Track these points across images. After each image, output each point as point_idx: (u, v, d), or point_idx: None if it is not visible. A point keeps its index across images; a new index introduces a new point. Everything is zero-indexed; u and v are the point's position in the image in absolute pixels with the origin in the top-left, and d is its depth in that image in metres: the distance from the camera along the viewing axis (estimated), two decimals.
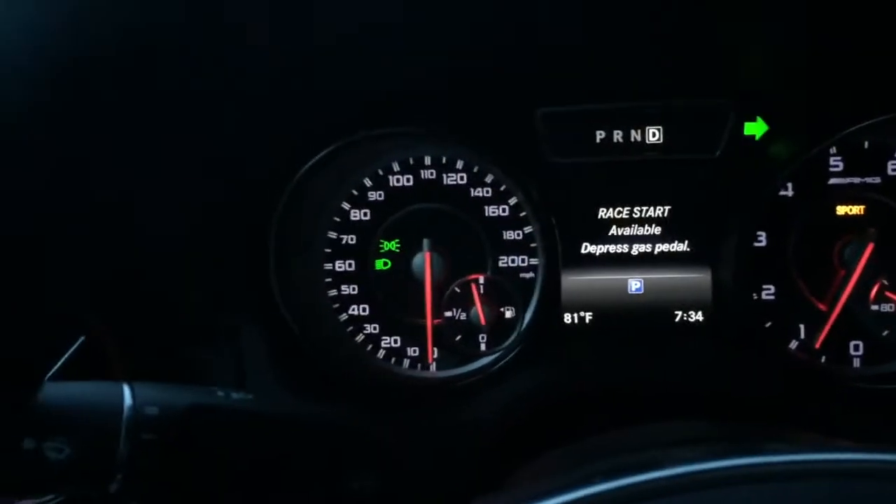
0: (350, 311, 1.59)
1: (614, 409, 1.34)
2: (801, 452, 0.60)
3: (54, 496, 0.94)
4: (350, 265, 1.58)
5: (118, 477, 0.80)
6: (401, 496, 1.05)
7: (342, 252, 1.58)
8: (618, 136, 1.44)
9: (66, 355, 1.24)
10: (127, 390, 0.84)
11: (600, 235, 1.47)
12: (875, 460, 0.59)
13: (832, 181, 1.47)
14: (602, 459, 0.66)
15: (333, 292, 1.58)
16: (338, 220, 1.57)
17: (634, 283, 1.47)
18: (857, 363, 1.49)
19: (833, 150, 1.45)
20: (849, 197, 1.46)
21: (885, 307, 1.45)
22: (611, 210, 1.46)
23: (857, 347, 1.49)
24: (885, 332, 1.45)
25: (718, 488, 0.59)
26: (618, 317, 1.47)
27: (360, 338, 1.58)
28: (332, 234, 1.57)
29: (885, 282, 1.44)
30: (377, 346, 1.58)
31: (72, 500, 1.23)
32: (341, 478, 0.94)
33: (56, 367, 1.21)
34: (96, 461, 0.80)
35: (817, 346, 1.47)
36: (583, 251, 1.47)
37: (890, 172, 1.45)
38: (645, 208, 1.46)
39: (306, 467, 0.92)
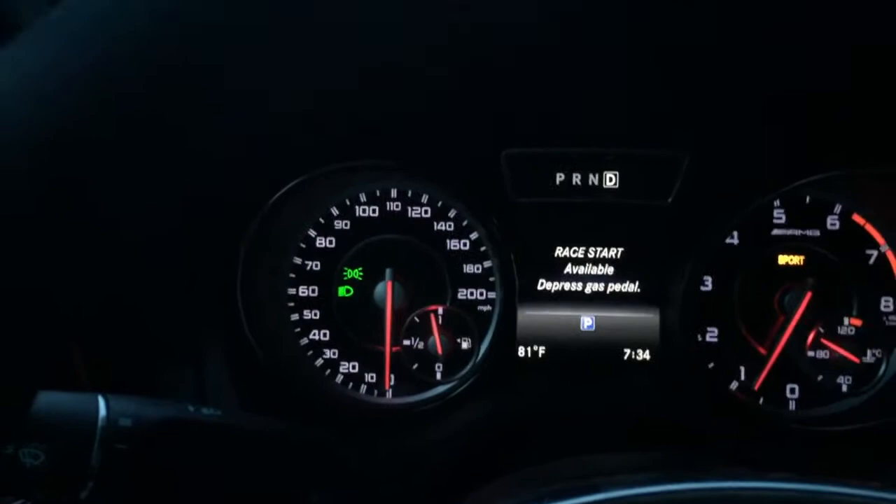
0: (311, 336, 1.62)
1: (562, 438, 1.39)
2: (726, 480, 0.66)
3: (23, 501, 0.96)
4: (313, 290, 1.62)
5: (89, 485, 0.83)
6: None
7: (306, 277, 1.62)
8: (576, 178, 1.51)
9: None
10: (102, 402, 0.87)
11: (556, 273, 1.53)
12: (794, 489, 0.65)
13: (775, 232, 1.55)
14: (548, 484, 0.71)
15: (295, 316, 1.62)
16: (303, 246, 1.61)
17: (587, 321, 1.53)
18: (793, 405, 1.56)
19: (777, 203, 1.54)
20: (790, 247, 1.55)
21: (821, 353, 1.53)
22: (567, 249, 1.53)
23: (793, 391, 1.56)
24: (820, 378, 1.52)
25: None
26: (569, 352, 1.53)
27: (319, 362, 1.62)
28: (298, 260, 1.62)
29: (822, 329, 1.52)
30: (335, 371, 1.62)
31: None
32: (302, 493, 0.97)
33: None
34: (69, 468, 0.83)
35: (756, 387, 1.55)
36: (539, 287, 1.53)
37: (829, 227, 1.54)
38: (599, 249, 1.53)
39: (269, 482, 0.95)
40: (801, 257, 1.54)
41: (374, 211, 1.60)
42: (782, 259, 1.55)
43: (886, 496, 0.65)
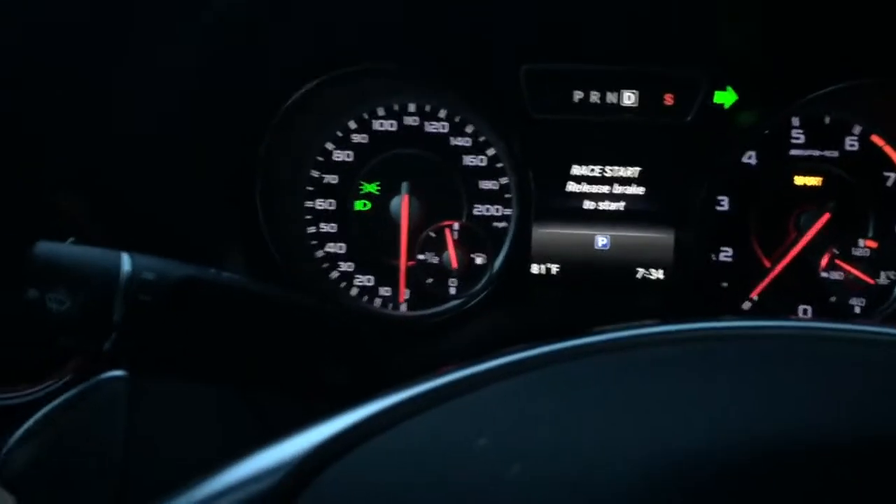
0: (327, 249, 1.64)
1: None
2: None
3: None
4: (330, 204, 1.63)
5: (112, 335, 0.85)
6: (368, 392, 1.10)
7: (323, 191, 1.63)
8: (595, 96, 1.51)
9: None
10: (126, 256, 0.89)
11: (573, 191, 1.54)
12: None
13: (793, 152, 1.54)
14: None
15: (312, 229, 1.64)
16: (321, 159, 1.62)
17: (601, 239, 1.54)
18: None
19: (795, 122, 1.53)
20: (808, 168, 1.54)
21: (835, 274, 1.53)
22: (584, 167, 1.53)
23: (806, 311, 1.57)
24: (833, 298, 1.52)
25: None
26: (583, 270, 1.54)
27: (334, 275, 1.64)
28: (315, 173, 1.63)
29: (836, 250, 1.52)
30: (350, 284, 1.64)
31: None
32: (315, 365, 0.99)
33: None
34: (94, 316, 0.84)
35: (753, 295, 1.55)
36: (555, 205, 1.54)
37: (847, 147, 1.53)
38: (616, 168, 1.53)
39: (285, 350, 0.97)
40: (819, 178, 1.54)
41: (391, 125, 1.61)
42: (799, 180, 1.54)
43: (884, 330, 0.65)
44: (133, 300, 0.84)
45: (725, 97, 1.47)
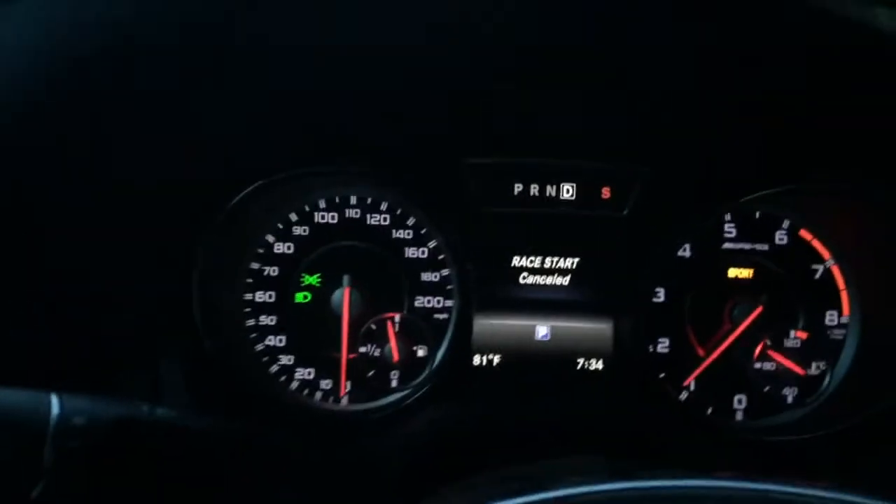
0: (267, 342, 1.62)
1: (515, 447, 1.40)
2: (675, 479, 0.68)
3: None
4: (270, 296, 1.61)
5: (40, 483, 0.82)
6: None
7: (264, 283, 1.61)
8: (534, 189, 1.54)
9: None
10: (55, 399, 0.86)
11: (513, 282, 1.55)
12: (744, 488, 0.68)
13: (726, 245, 1.59)
14: (496, 485, 0.72)
15: (252, 322, 1.61)
16: (261, 251, 1.61)
17: (542, 330, 1.55)
18: (740, 416, 1.60)
19: (728, 217, 1.58)
20: (740, 261, 1.59)
21: (767, 365, 1.57)
22: (524, 259, 1.55)
23: (740, 401, 1.60)
24: (766, 388, 1.56)
25: None
26: (524, 361, 1.55)
27: (274, 368, 1.61)
28: (255, 265, 1.61)
29: (769, 341, 1.56)
30: (291, 378, 1.62)
31: None
32: (259, 492, 0.97)
33: None
34: (20, 466, 0.82)
35: (686, 383, 1.59)
36: (496, 296, 1.55)
37: (777, 241, 1.59)
38: (556, 259, 1.55)
39: (224, 482, 0.95)
40: (751, 270, 1.59)
41: (333, 217, 1.61)
42: (732, 272, 1.59)
43: (833, 496, 0.67)
44: (62, 447, 0.82)
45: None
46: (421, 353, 1.60)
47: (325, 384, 1.62)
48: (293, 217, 1.61)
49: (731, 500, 0.67)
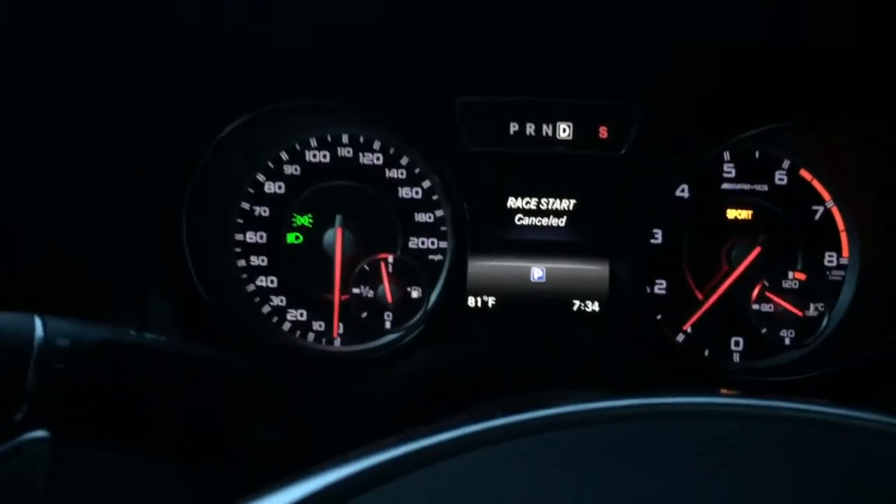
0: (258, 283, 1.60)
1: (510, 387, 1.39)
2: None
3: None
4: (261, 237, 1.59)
5: (24, 406, 0.80)
6: (303, 450, 1.07)
7: (254, 223, 1.59)
8: (530, 129, 1.50)
9: None
10: (38, 321, 0.83)
11: (508, 224, 1.53)
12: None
13: (724, 186, 1.56)
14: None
15: (242, 263, 1.59)
16: (252, 191, 1.58)
17: (537, 272, 1.53)
18: (737, 358, 1.59)
19: (726, 156, 1.55)
20: (739, 202, 1.56)
21: (765, 307, 1.55)
22: (520, 200, 1.52)
23: (737, 343, 1.59)
24: (764, 330, 1.54)
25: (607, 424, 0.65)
26: (519, 303, 1.53)
27: (266, 309, 1.60)
28: (245, 205, 1.58)
29: (766, 283, 1.54)
30: (283, 319, 1.60)
31: None
32: (246, 424, 0.95)
33: None
34: (3, 388, 0.80)
35: (685, 327, 1.57)
36: (490, 238, 1.52)
37: (777, 181, 1.56)
38: (551, 200, 1.52)
39: (212, 409, 0.93)
40: (750, 212, 1.56)
41: (324, 156, 1.57)
42: (731, 213, 1.57)
43: (833, 411, 0.65)
44: (46, 369, 0.79)
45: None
46: (415, 294, 1.58)
47: (318, 326, 1.60)
48: (283, 156, 1.57)
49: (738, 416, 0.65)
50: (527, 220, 1.53)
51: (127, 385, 0.86)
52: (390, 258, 1.57)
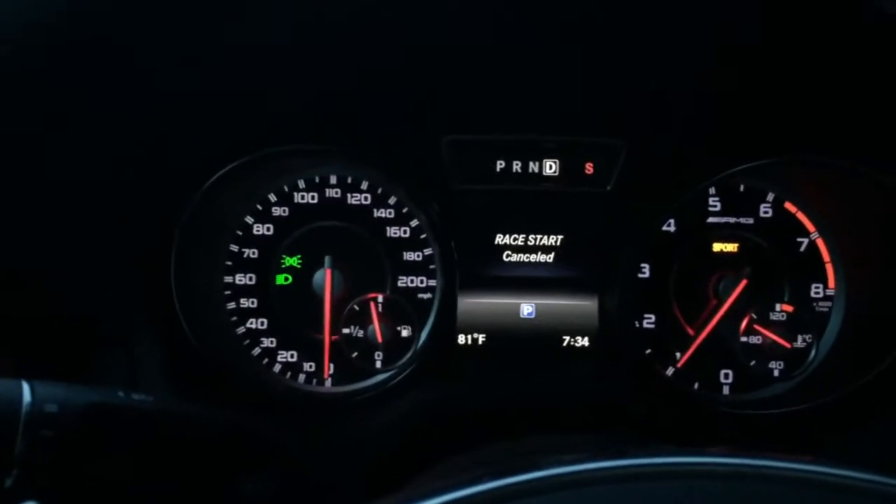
0: (248, 325, 1.60)
1: (502, 425, 1.39)
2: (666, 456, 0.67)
3: None
4: (250, 279, 1.59)
5: (14, 472, 0.80)
6: (294, 501, 1.07)
7: (243, 265, 1.59)
8: (517, 166, 1.52)
9: None
10: (26, 387, 0.83)
11: (496, 260, 1.53)
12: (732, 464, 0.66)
13: (710, 219, 1.57)
14: (488, 465, 0.71)
15: (232, 305, 1.59)
16: (240, 233, 1.58)
17: (527, 308, 1.54)
18: (726, 390, 1.59)
19: (712, 190, 1.56)
20: (724, 235, 1.57)
21: (754, 339, 1.56)
22: (507, 237, 1.53)
23: (727, 376, 1.59)
24: (752, 363, 1.55)
25: (590, 487, 0.65)
26: (509, 339, 1.54)
27: (256, 351, 1.59)
28: (234, 247, 1.58)
29: (754, 315, 1.55)
30: (273, 361, 1.60)
31: None
32: (237, 479, 0.95)
33: None
34: None
35: (679, 365, 1.58)
36: (479, 275, 1.53)
37: (762, 214, 1.57)
38: (539, 237, 1.53)
39: (203, 468, 0.93)
40: (736, 244, 1.57)
41: (312, 197, 1.58)
42: (717, 246, 1.58)
43: (818, 469, 0.66)
44: (35, 435, 0.79)
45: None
46: (405, 333, 1.58)
47: (309, 366, 1.60)
48: (272, 198, 1.58)
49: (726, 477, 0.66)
50: (515, 257, 1.54)
51: (116, 450, 0.86)
52: (380, 297, 1.57)
